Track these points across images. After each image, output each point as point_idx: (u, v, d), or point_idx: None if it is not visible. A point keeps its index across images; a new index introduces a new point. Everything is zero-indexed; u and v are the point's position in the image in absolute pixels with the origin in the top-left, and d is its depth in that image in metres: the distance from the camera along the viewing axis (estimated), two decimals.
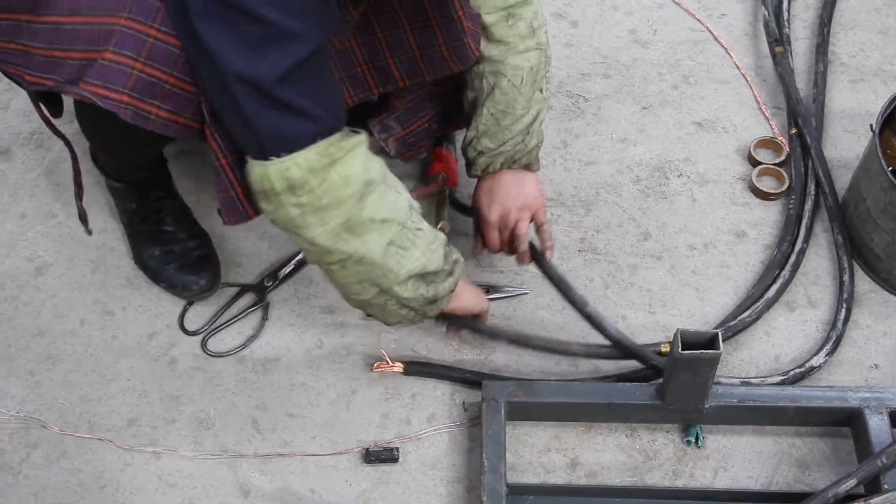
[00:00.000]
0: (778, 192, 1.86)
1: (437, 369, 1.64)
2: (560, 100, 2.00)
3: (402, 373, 1.63)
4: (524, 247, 1.64)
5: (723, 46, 2.08)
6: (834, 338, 1.65)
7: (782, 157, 1.90)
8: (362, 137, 1.29)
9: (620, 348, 1.59)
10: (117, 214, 1.79)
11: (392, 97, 1.68)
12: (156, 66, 1.26)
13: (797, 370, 1.62)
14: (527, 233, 1.64)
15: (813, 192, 1.83)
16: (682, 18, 2.14)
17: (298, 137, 1.24)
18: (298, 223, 1.30)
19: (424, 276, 1.42)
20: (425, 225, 1.41)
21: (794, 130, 1.92)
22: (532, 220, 1.64)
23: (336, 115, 1.27)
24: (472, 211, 1.69)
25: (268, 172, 1.25)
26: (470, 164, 1.65)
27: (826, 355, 1.64)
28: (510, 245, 1.66)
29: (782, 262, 1.76)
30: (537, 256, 1.65)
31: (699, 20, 2.13)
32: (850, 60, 2.06)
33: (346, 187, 1.28)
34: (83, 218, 1.55)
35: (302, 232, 1.31)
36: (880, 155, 1.62)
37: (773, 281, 1.73)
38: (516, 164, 1.62)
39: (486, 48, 1.53)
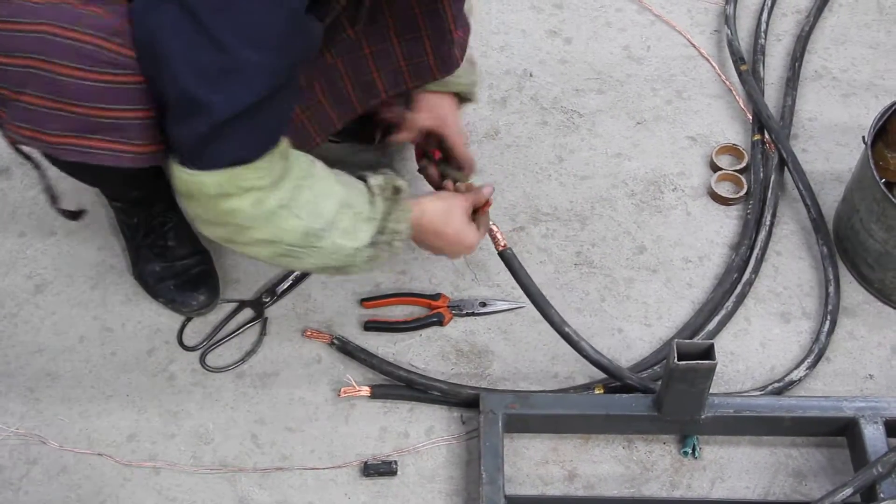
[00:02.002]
0: (736, 197, 1.88)
1: (404, 391, 1.64)
2: (555, 115, 2.02)
3: (370, 396, 1.63)
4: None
5: (710, 63, 2.10)
6: (816, 350, 1.67)
7: (743, 164, 1.92)
8: (264, 182, 1.28)
9: (600, 368, 1.59)
10: (118, 230, 1.80)
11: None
12: (79, 103, 1.25)
13: (776, 384, 1.63)
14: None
15: (769, 197, 1.86)
16: (675, 35, 2.17)
17: (215, 161, 1.25)
18: (193, 221, 1.36)
19: (325, 268, 1.44)
20: (331, 241, 1.37)
21: (756, 137, 1.95)
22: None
23: (260, 151, 1.27)
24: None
25: (176, 173, 1.28)
26: None
27: (807, 368, 1.65)
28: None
29: (741, 267, 1.78)
30: (516, 275, 1.59)
31: (687, 38, 2.15)
32: (841, 75, 2.09)
33: (231, 216, 1.30)
34: (67, 213, 1.55)
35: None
36: (872, 166, 1.64)
37: (733, 286, 1.76)
38: (465, 94, 1.67)
39: None
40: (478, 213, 1.57)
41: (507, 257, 1.57)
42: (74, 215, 1.57)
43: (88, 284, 1.78)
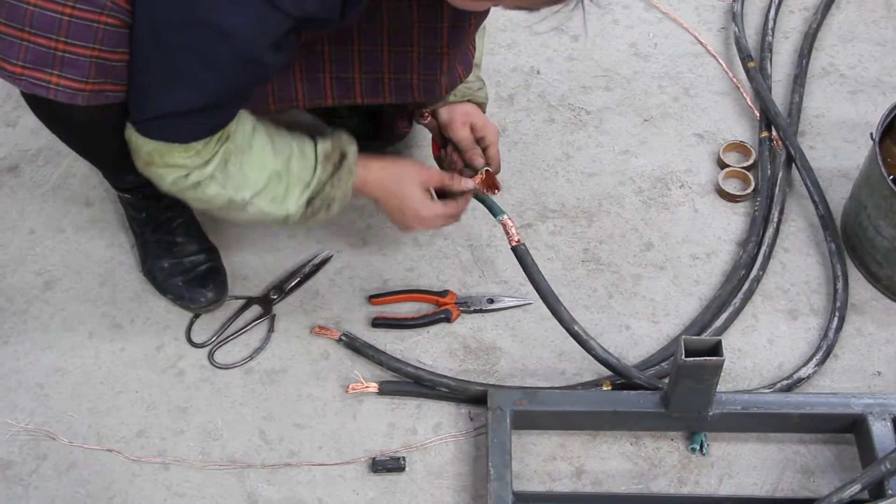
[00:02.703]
0: (743, 194, 1.88)
1: (412, 387, 1.64)
2: (562, 113, 2.02)
3: (378, 393, 1.64)
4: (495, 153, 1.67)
5: (718, 60, 2.10)
6: (825, 347, 1.67)
7: (750, 161, 1.92)
8: (190, 163, 1.37)
9: (609, 368, 1.59)
10: (127, 226, 1.81)
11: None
12: (41, 33, 1.28)
13: (784, 381, 1.63)
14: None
15: (777, 194, 1.85)
16: (682, 32, 2.17)
17: (151, 134, 1.35)
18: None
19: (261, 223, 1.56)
20: (258, 208, 1.46)
21: (763, 134, 1.95)
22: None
23: (196, 139, 1.36)
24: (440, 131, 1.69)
25: (127, 123, 1.38)
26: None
27: (816, 365, 1.65)
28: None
29: (749, 264, 1.78)
30: (528, 270, 1.59)
31: (694, 35, 2.15)
32: (849, 72, 2.09)
33: (159, 180, 1.41)
34: None
35: None
36: (881, 163, 1.64)
37: (740, 283, 1.76)
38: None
39: None
40: (453, 194, 1.60)
41: (520, 253, 1.57)
42: None
43: (97, 281, 1.79)
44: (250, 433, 1.62)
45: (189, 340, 1.72)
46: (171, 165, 1.37)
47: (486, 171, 1.62)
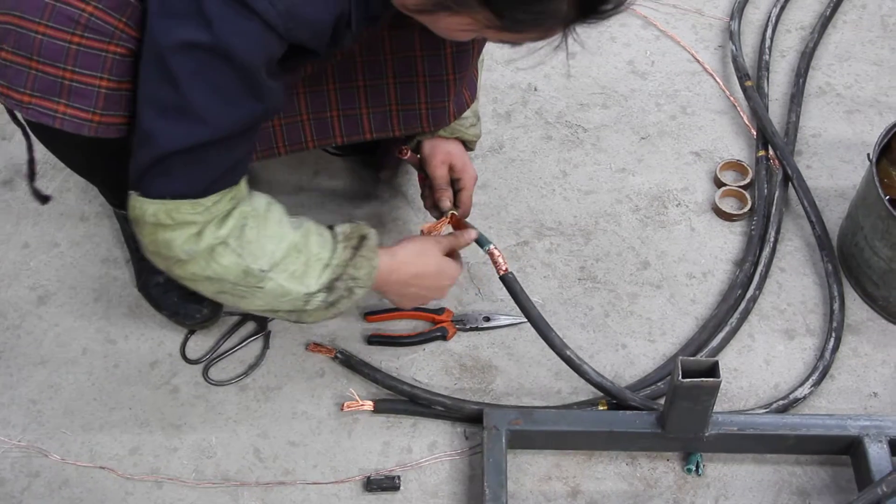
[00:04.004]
0: (740, 213, 1.88)
1: (408, 406, 1.64)
2: (559, 130, 2.02)
3: (373, 411, 1.63)
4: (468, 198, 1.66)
5: (715, 79, 2.11)
6: (821, 368, 1.66)
7: (747, 180, 1.92)
8: (200, 219, 1.30)
9: (603, 391, 1.59)
10: (122, 242, 1.80)
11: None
12: (49, 62, 1.26)
13: (780, 401, 1.63)
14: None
15: (773, 213, 1.86)
16: (680, 50, 2.17)
17: (154, 191, 1.29)
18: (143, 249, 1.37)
19: (276, 311, 1.43)
20: (276, 283, 1.37)
21: (760, 153, 1.95)
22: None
23: (205, 190, 1.29)
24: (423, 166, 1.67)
25: (129, 195, 1.32)
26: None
27: (812, 386, 1.64)
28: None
29: (745, 283, 1.78)
30: (517, 298, 1.58)
31: (691, 53, 2.15)
32: (845, 91, 2.09)
33: (167, 249, 1.32)
34: (38, 194, 1.56)
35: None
36: (877, 184, 1.64)
37: (736, 302, 1.76)
38: (469, 143, 1.68)
39: None
40: (452, 253, 1.59)
41: (508, 281, 1.57)
42: (44, 199, 1.58)
43: (92, 296, 1.78)
44: (244, 451, 1.61)
45: (184, 357, 1.71)
46: (180, 223, 1.29)
47: (452, 214, 1.62)
